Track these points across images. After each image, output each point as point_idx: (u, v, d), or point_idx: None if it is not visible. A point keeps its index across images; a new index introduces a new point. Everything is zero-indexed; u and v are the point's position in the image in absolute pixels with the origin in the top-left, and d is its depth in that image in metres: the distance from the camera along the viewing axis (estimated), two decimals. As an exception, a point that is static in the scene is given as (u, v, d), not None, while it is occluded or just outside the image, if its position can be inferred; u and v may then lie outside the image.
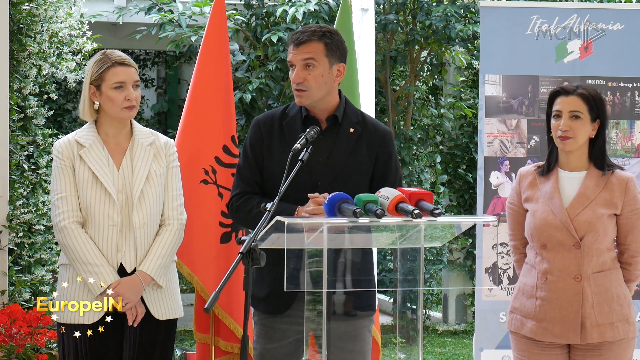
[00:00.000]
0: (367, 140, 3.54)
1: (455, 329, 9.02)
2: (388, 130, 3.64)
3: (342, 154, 3.50)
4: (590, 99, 3.63)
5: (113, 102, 3.70)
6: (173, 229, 3.80)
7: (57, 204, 3.70)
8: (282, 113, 3.60)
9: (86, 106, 3.74)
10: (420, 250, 3.17)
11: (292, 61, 3.50)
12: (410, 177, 8.69)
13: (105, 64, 3.71)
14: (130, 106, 3.72)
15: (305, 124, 3.51)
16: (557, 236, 3.64)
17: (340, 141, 3.52)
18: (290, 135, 3.50)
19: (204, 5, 7.44)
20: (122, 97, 3.70)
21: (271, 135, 3.55)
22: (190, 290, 7.92)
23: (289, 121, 3.56)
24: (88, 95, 3.72)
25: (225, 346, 4.65)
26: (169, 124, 13.49)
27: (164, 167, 3.81)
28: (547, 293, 3.66)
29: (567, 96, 3.65)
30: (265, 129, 3.57)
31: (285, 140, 3.51)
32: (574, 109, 3.63)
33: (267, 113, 3.65)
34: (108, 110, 3.73)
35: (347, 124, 3.54)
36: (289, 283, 3.05)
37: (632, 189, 3.66)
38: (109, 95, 3.70)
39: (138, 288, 3.68)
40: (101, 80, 3.70)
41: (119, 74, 3.70)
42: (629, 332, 3.67)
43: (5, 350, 4.70)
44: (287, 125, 3.55)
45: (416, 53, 8.64)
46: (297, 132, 3.47)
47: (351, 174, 3.50)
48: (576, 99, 3.63)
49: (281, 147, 3.49)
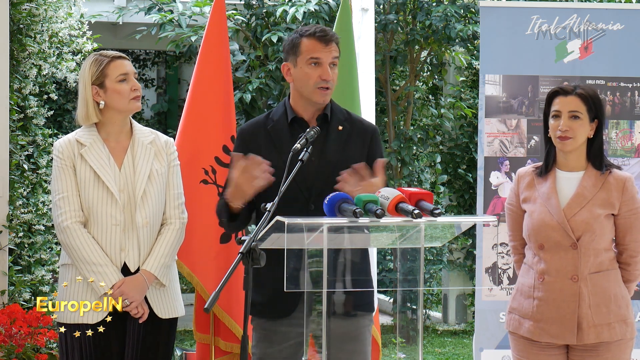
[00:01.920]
0: (357, 137, 3.55)
1: (455, 329, 9.02)
2: (375, 126, 3.66)
3: (334, 152, 3.50)
4: (589, 99, 3.63)
5: (121, 94, 3.70)
6: (175, 228, 3.80)
7: (59, 204, 3.70)
8: (266, 119, 3.57)
9: (90, 109, 3.71)
10: (420, 250, 3.17)
11: (321, 58, 3.44)
12: (410, 177, 8.69)
13: (104, 60, 3.72)
14: (137, 96, 3.74)
15: (293, 125, 3.50)
16: (554, 237, 3.64)
17: (330, 139, 3.51)
18: (277, 139, 3.49)
19: (204, 5, 7.44)
20: (129, 88, 3.71)
21: (257, 144, 3.50)
22: (190, 290, 7.92)
23: (274, 125, 3.53)
24: (91, 97, 3.71)
25: (225, 346, 4.65)
26: (169, 124, 13.49)
27: (165, 166, 3.81)
28: (544, 293, 3.66)
29: (566, 96, 3.65)
30: (250, 138, 3.52)
31: (273, 145, 3.49)
32: (573, 109, 3.62)
33: (251, 122, 3.61)
34: (116, 105, 3.71)
35: (335, 122, 3.54)
36: (289, 283, 3.05)
37: (629, 188, 3.66)
38: (115, 89, 3.70)
39: (142, 287, 3.68)
40: (104, 77, 3.70)
41: (120, 66, 3.72)
42: (627, 333, 3.66)
43: (5, 350, 4.70)
44: (273, 130, 3.52)
45: (416, 53, 8.64)
46: (285, 134, 3.47)
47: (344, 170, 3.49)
48: (575, 99, 3.63)
49: (269, 152, 3.45)
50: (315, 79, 3.44)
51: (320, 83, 3.44)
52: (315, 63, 3.44)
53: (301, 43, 3.47)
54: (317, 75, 3.44)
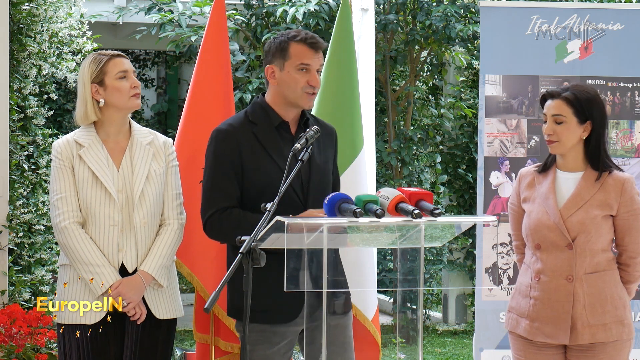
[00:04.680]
0: (327, 139, 3.61)
1: (455, 329, 9.02)
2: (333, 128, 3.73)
3: (317, 153, 3.54)
4: (574, 102, 3.62)
5: (120, 91, 3.70)
6: (173, 228, 3.80)
7: (57, 205, 3.70)
8: (247, 121, 3.53)
9: (89, 107, 3.71)
10: (420, 250, 3.17)
11: (310, 64, 3.47)
12: (410, 177, 8.69)
13: (103, 58, 3.73)
14: (137, 94, 3.74)
15: (278, 130, 3.52)
16: (550, 237, 3.64)
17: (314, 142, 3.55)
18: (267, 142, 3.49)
19: (204, 5, 7.44)
20: (128, 85, 3.72)
21: (247, 145, 3.49)
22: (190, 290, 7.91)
23: (260, 128, 3.52)
24: (90, 95, 3.71)
25: (225, 346, 4.64)
26: (169, 124, 13.49)
27: (163, 167, 3.81)
28: (540, 293, 3.67)
29: (552, 100, 3.67)
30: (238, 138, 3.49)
31: (262, 148, 3.48)
32: (556, 113, 3.64)
33: (229, 122, 3.56)
34: (116, 102, 3.72)
35: (310, 124, 3.55)
36: (289, 283, 3.05)
37: (628, 190, 3.66)
38: (115, 86, 3.70)
39: (140, 288, 3.68)
40: (103, 75, 3.70)
41: (119, 64, 3.73)
42: (624, 334, 3.66)
43: (5, 350, 4.70)
44: (260, 133, 3.51)
45: (416, 53, 8.64)
46: (273, 138, 3.49)
47: (326, 172, 3.57)
48: (559, 103, 3.64)
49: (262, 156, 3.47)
50: (304, 84, 3.47)
51: (308, 89, 3.48)
52: (304, 69, 3.48)
53: (290, 47, 3.48)
54: (305, 81, 3.47)
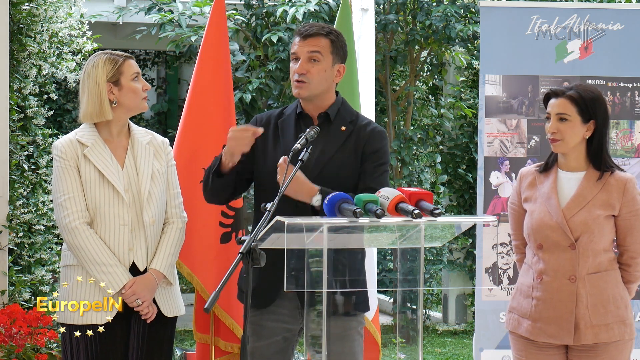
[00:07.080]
0: (356, 138, 3.57)
1: (455, 329, 9.02)
2: (379, 129, 3.65)
3: (331, 150, 3.53)
4: (579, 101, 3.62)
5: (135, 92, 3.73)
6: (177, 227, 3.84)
7: (65, 205, 3.68)
8: (280, 112, 3.66)
9: (105, 106, 3.69)
10: (420, 250, 3.17)
11: (297, 53, 3.53)
12: (410, 177, 8.69)
13: (119, 59, 3.74)
14: (146, 96, 3.79)
15: (299, 120, 3.57)
16: (553, 237, 3.64)
17: (330, 138, 3.55)
18: (284, 132, 3.57)
19: (204, 5, 7.44)
20: (141, 87, 3.75)
21: (267, 132, 3.56)
22: (190, 290, 7.91)
23: (284, 119, 3.61)
24: (106, 94, 3.70)
25: (225, 346, 4.65)
26: (169, 124, 13.49)
27: (164, 166, 3.84)
28: (542, 293, 3.67)
29: (556, 99, 3.66)
30: (262, 125, 3.58)
31: (278, 138, 3.56)
32: (560, 112, 3.64)
33: (267, 112, 3.71)
34: (129, 103, 3.74)
35: (339, 122, 3.57)
36: (289, 283, 3.05)
37: (630, 190, 3.66)
38: (130, 87, 3.72)
39: (153, 286, 3.71)
40: (119, 75, 3.71)
41: (133, 65, 3.76)
42: (625, 334, 3.66)
43: (5, 350, 4.69)
44: (282, 123, 3.60)
45: (416, 53, 8.64)
46: (291, 128, 3.55)
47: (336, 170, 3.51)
48: (564, 102, 3.64)
49: (274, 145, 3.55)
50: (293, 73, 3.54)
51: (295, 76, 3.53)
52: (295, 59, 3.54)
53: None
54: (294, 70, 3.53)
